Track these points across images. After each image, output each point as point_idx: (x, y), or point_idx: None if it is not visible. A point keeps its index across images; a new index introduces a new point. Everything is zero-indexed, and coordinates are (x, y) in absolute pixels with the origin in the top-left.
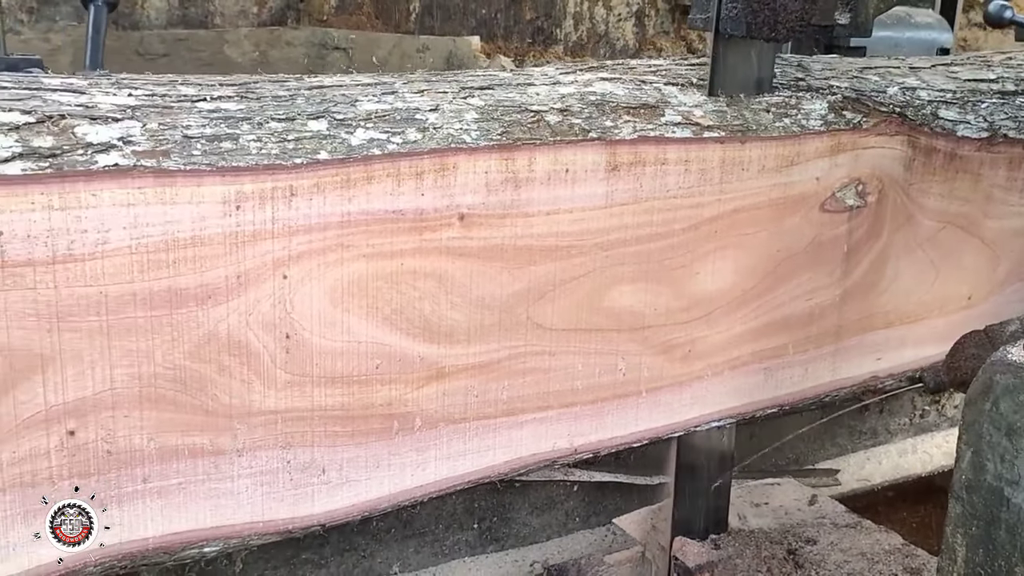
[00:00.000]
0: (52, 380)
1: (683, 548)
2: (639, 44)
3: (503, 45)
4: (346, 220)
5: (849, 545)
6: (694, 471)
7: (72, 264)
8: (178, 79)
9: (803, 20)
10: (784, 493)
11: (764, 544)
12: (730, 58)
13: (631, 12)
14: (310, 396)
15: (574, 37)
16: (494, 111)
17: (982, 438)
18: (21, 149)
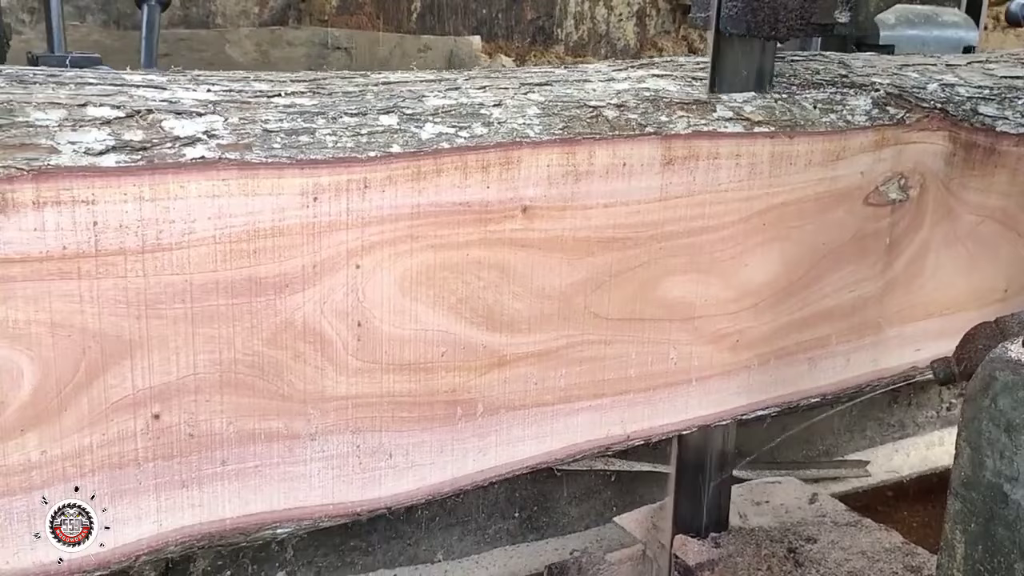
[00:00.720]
0: (140, 365)
1: (684, 546)
2: (640, 44)
3: (504, 45)
4: (416, 212)
5: (849, 543)
6: (695, 469)
7: (160, 253)
8: (250, 75)
9: (803, 18)
10: (785, 492)
11: (764, 542)
12: (730, 57)
13: (632, 12)
14: (379, 382)
15: (575, 37)
16: (554, 106)
17: (981, 435)
18: (114, 142)
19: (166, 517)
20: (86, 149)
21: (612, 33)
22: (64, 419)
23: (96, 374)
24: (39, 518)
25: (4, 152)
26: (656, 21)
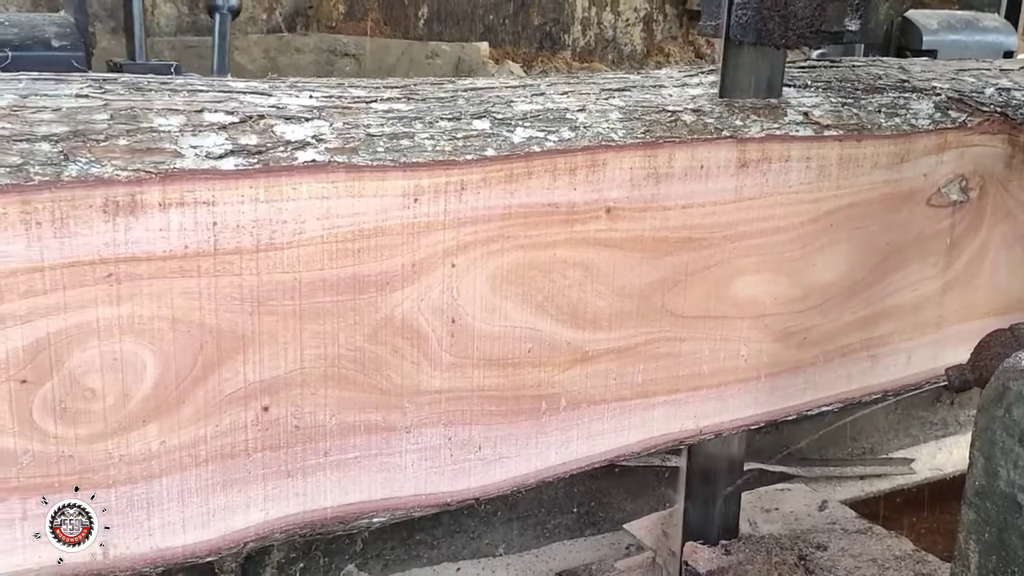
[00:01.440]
0: (252, 360)
1: (694, 554)
2: (647, 49)
3: (511, 51)
4: (508, 212)
5: (860, 551)
6: (705, 476)
7: (273, 252)
8: (344, 82)
9: (813, 26)
10: (794, 499)
11: (775, 550)
12: (740, 64)
13: (639, 17)
14: (470, 377)
15: (582, 42)
16: (635, 111)
17: (995, 444)
18: (231, 146)
19: (272, 506)
20: (207, 153)
21: (619, 39)
22: (182, 411)
23: (212, 368)
24: (157, 506)
25: (133, 156)
26: (663, 26)
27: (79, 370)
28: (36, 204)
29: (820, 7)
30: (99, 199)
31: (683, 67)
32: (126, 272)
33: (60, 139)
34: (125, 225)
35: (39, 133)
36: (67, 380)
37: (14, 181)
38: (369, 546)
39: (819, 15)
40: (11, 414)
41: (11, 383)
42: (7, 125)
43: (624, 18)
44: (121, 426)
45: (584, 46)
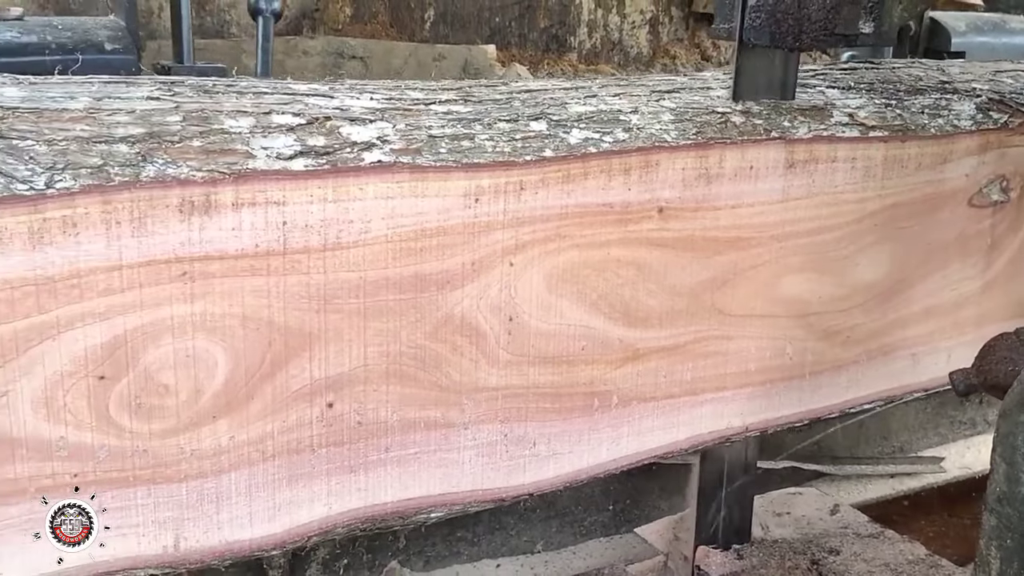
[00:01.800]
0: (318, 357)
1: (707, 558)
2: (653, 52)
3: (517, 53)
4: (564, 212)
5: (873, 555)
6: (717, 480)
7: (339, 251)
8: (400, 84)
9: (827, 29)
10: (806, 503)
11: (787, 554)
12: (754, 67)
13: (645, 20)
14: (526, 374)
15: (588, 45)
16: (686, 112)
17: (1016, 450)
18: (300, 147)
19: (335, 501)
20: (277, 154)
21: (625, 41)
22: (251, 407)
23: (280, 365)
24: (225, 500)
25: (207, 157)
26: (669, 29)
27: (154, 366)
28: (116, 204)
29: (834, 10)
30: (175, 199)
31: (727, 69)
32: (200, 271)
33: (137, 140)
34: (200, 225)
35: (116, 135)
36: (142, 376)
37: (96, 182)
38: (411, 543)
39: (833, 18)
40: (89, 409)
41: (89, 379)
42: (85, 127)
43: (630, 20)
44: (193, 422)
45: (590, 48)
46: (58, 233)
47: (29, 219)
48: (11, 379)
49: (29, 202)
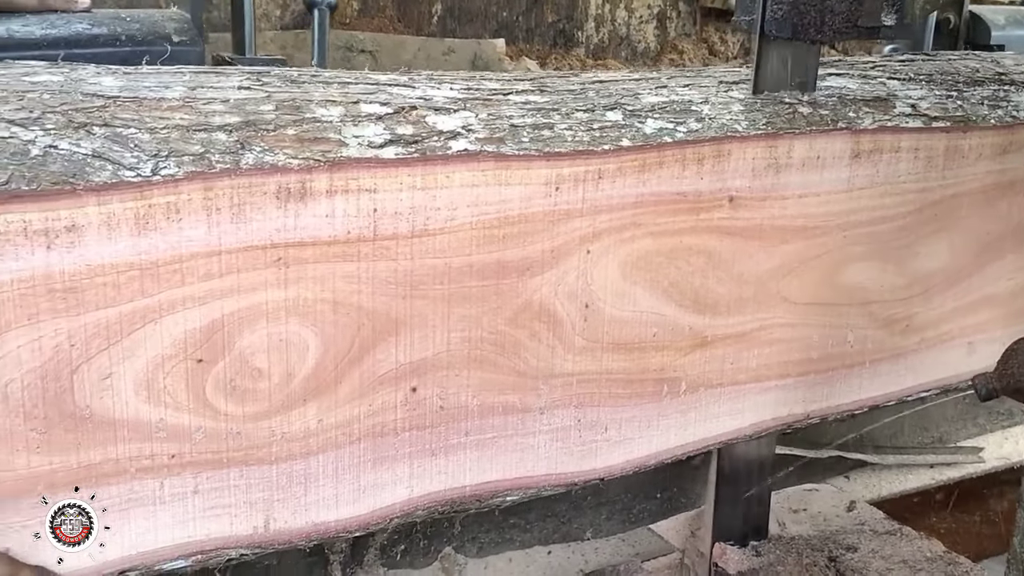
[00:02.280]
0: (403, 342)
1: (724, 555)
2: (660, 46)
3: (525, 48)
4: (640, 201)
5: (890, 552)
6: (735, 476)
7: (426, 238)
8: (475, 75)
9: (849, 21)
10: (822, 499)
11: (805, 551)
12: (774, 59)
13: (652, 14)
14: (599, 360)
15: (595, 39)
16: (754, 103)
17: None
18: (390, 136)
19: (417, 483)
20: (368, 142)
21: (632, 36)
22: (339, 390)
23: (367, 349)
24: (313, 482)
25: (302, 145)
26: (676, 23)
27: (248, 350)
28: (217, 191)
29: (857, 2)
30: (273, 186)
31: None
32: (294, 256)
33: (234, 129)
34: (295, 211)
35: (214, 123)
36: (237, 360)
37: (198, 169)
38: (466, 529)
39: (855, 10)
40: (187, 392)
41: (188, 362)
42: (185, 116)
43: (638, 15)
44: (284, 405)
45: (598, 43)
46: (162, 219)
47: (136, 205)
48: (115, 361)
49: (136, 188)
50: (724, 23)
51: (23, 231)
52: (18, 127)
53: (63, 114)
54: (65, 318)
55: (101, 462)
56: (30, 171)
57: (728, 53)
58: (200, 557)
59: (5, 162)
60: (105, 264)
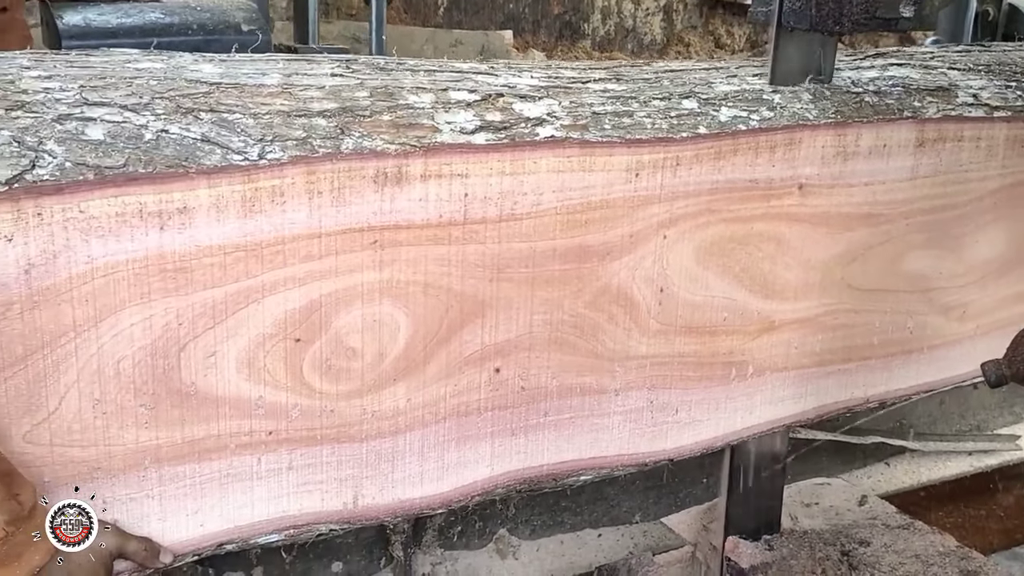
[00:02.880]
0: (488, 323)
1: (737, 548)
2: (667, 39)
3: (531, 39)
4: (714, 188)
5: (903, 547)
6: (747, 470)
7: (513, 222)
8: (551, 64)
9: (868, 13)
10: (834, 493)
11: (818, 545)
12: (792, 51)
13: (659, 7)
14: (672, 343)
15: (602, 32)
16: (823, 92)
17: None
18: (480, 123)
19: (497, 462)
20: (460, 128)
21: (639, 28)
22: (427, 370)
23: (454, 330)
24: (400, 459)
25: (398, 131)
26: (683, 16)
27: (343, 330)
28: (319, 175)
29: None
30: (371, 170)
31: (850, 51)
32: (389, 239)
33: (333, 115)
34: (391, 195)
35: (314, 109)
36: (333, 340)
37: (301, 153)
38: (520, 512)
39: (874, 1)
40: (285, 370)
41: (287, 341)
42: (284, 102)
43: (644, 8)
44: (375, 384)
45: (604, 35)
46: (267, 202)
47: (243, 188)
48: (220, 340)
49: (243, 172)
50: (730, 15)
51: (139, 213)
52: (130, 112)
53: (171, 100)
54: (175, 297)
55: (204, 438)
56: (145, 155)
57: (735, 46)
58: (292, 532)
59: (121, 146)
60: (213, 245)
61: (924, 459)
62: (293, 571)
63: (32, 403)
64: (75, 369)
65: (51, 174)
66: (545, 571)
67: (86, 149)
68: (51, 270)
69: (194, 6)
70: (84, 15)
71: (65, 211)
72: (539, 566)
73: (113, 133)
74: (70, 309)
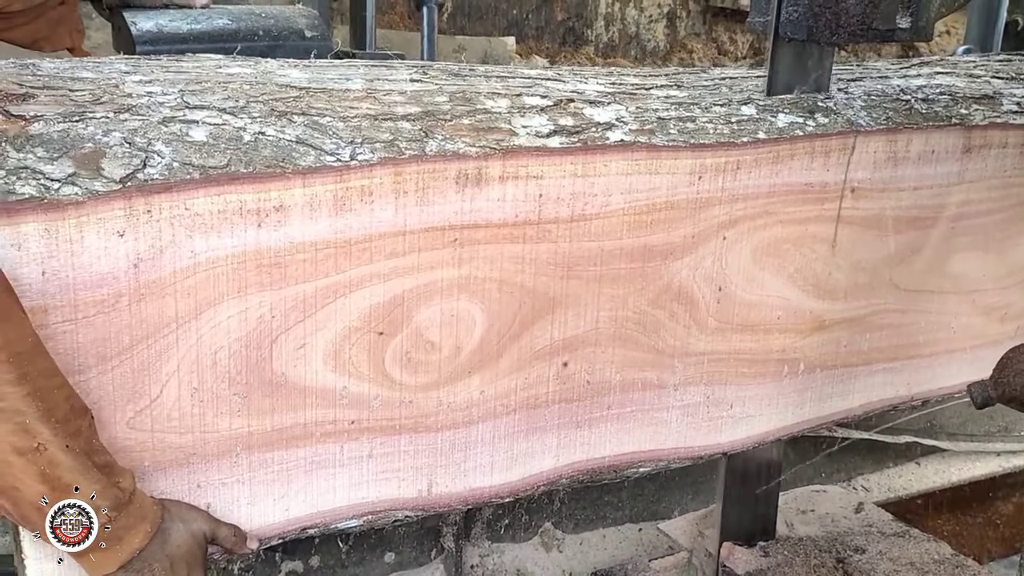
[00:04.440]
0: (558, 319)
1: (732, 555)
2: (670, 46)
3: (535, 46)
4: (772, 191)
5: (898, 554)
6: (743, 477)
7: (583, 222)
8: (612, 70)
9: (864, 23)
10: (830, 500)
11: (813, 552)
12: (789, 61)
13: (663, 13)
14: (728, 340)
15: (605, 38)
16: (874, 99)
17: None
18: (553, 127)
19: (563, 453)
20: (536, 132)
21: (642, 35)
22: (500, 364)
23: (526, 326)
24: (472, 449)
25: (478, 134)
26: (686, 23)
27: (423, 324)
28: (405, 175)
29: (872, 4)
30: (453, 171)
31: (894, 60)
32: (468, 237)
33: (416, 118)
34: (471, 195)
35: (398, 113)
36: (413, 333)
37: (389, 155)
38: (565, 506)
39: (871, 12)
40: (368, 362)
41: (371, 334)
42: (370, 106)
43: (647, 14)
44: (451, 376)
45: (607, 42)
46: (357, 201)
47: (335, 187)
48: (309, 332)
49: (336, 172)
50: (733, 23)
51: (239, 210)
52: (229, 115)
53: (264, 103)
54: (269, 291)
55: (291, 426)
56: (245, 155)
57: (737, 53)
58: (370, 518)
59: (223, 146)
60: (306, 242)
61: (954, 459)
62: (349, 560)
63: (136, 391)
64: (176, 359)
65: (160, 173)
66: (588, 564)
67: (191, 150)
68: (157, 264)
69: (259, 13)
70: (156, 21)
71: (172, 208)
72: (582, 559)
73: (214, 135)
74: (173, 302)
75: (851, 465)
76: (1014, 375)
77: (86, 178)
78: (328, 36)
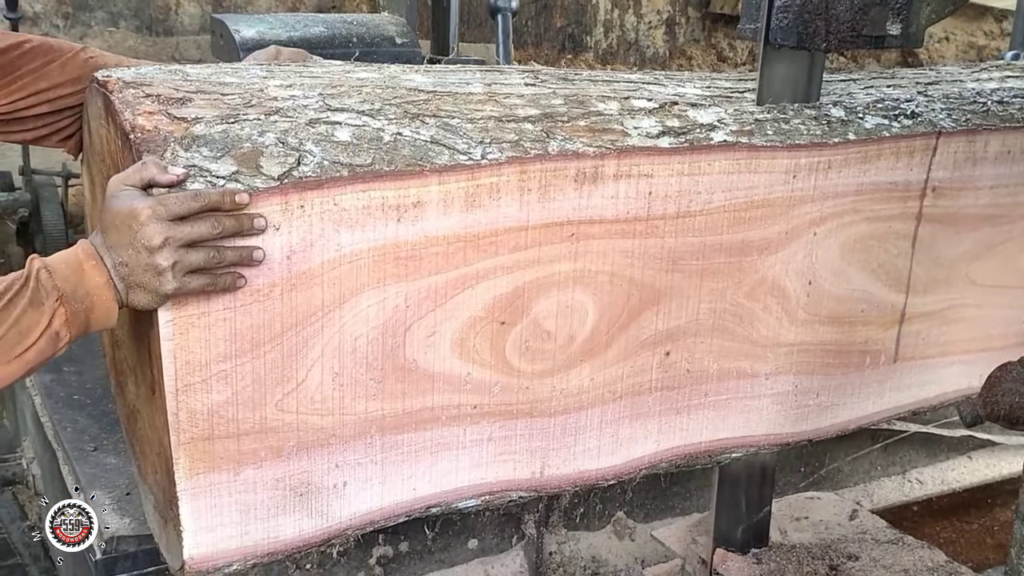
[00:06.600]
0: (662, 311)
1: (725, 562)
2: (669, 52)
3: (534, 52)
4: (860, 189)
5: (892, 562)
6: (736, 483)
7: (687, 218)
8: (706, 75)
9: (855, 30)
10: (824, 507)
11: (806, 559)
12: (779, 68)
13: (662, 20)
14: (816, 332)
15: (604, 44)
16: (953, 102)
17: None
18: (662, 128)
19: (663, 439)
20: (646, 133)
21: (641, 41)
22: (608, 352)
23: (633, 317)
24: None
25: (594, 135)
26: (685, 29)
27: (541, 315)
28: (530, 173)
29: (862, 11)
30: (572, 170)
31: (967, 64)
32: (584, 232)
33: (537, 120)
34: (588, 193)
35: (520, 115)
36: (532, 323)
37: (516, 154)
38: (636, 495)
39: (861, 19)
40: (490, 350)
41: (493, 324)
42: (493, 109)
43: (647, 21)
44: (565, 364)
45: (606, 48)
46: (485, 197)
47: (467, 185)
48: (439, 321)
49: (468, 170)
50: (732, 29)
51: (381, 206)
52: (367, 116)
53: (397, 106)
54: (405, 282)
55: (420, 410)
56: (387, 154)
57: (737, 59)
58: (488, 497)
59: (366, 146)
60: (439, 236)
61: (1004, 453)
62: (435, 546)
63: (284, 375)
64: (320, 345)
65: (312, 171)
66: (659, 553)
67: (338, 149)
68: (307, 256)
69: (350, 20)
70: (258, 28)
71: (323, 204)
72: (653, 547)
73: (357, 135)
74: (320, 292)
75: (906, 459)
76: (1002, 394)
77: (247, 175)
78: (416, 43)
